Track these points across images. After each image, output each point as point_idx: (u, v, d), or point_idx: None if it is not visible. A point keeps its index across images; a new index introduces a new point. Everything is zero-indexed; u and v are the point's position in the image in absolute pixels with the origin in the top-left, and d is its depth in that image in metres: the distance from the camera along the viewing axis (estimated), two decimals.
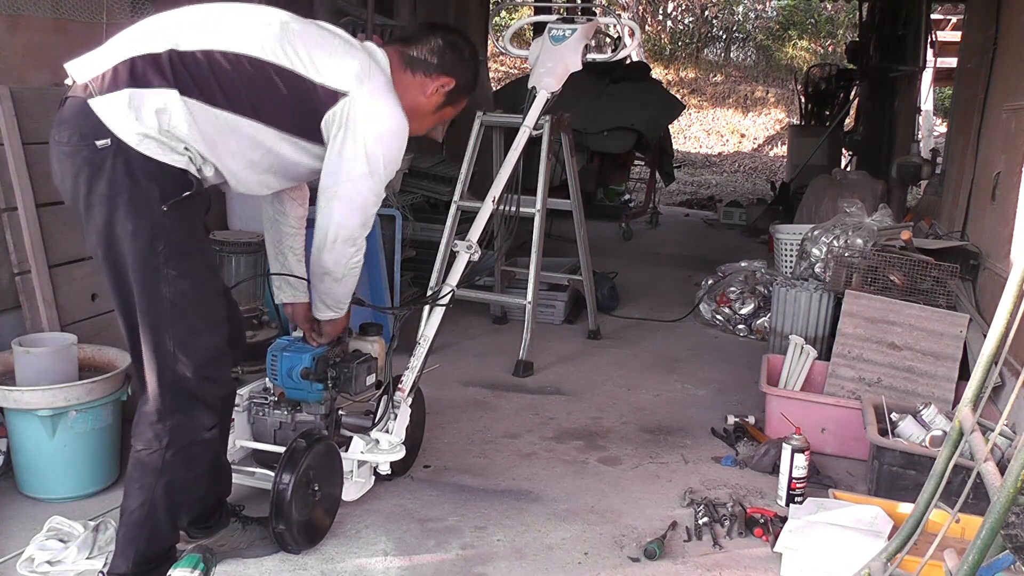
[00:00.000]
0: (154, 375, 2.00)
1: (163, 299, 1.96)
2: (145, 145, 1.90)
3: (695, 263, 6.41)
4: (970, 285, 3.90)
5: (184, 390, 2.02)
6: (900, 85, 7.99)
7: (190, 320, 2.01)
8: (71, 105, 1.94)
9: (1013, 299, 1.69)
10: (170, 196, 1.94)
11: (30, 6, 3.06)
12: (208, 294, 2.07)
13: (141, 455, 2.04)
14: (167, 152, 1.93)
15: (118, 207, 1.91)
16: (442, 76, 2.32)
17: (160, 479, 2.04)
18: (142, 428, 2.04)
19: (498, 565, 2.38)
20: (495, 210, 3.13)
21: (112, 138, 1.89)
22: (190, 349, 2.01)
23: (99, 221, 1.93)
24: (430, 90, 2.32)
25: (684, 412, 3.59)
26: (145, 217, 1.92)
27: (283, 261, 2.48)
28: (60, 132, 1.94)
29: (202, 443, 2.10)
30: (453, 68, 2.33)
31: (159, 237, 1.94)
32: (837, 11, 16.03)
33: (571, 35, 3.49)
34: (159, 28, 2.01)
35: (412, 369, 2.68)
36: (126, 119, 1.89)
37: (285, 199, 2.42)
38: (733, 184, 12.25)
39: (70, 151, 1.92)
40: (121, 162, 1.90)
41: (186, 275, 1.99)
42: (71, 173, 1.93)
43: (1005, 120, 3.97)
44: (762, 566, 2.44)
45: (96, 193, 1.91)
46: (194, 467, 2.11)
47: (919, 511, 1.93)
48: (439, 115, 2.42)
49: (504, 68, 14.18)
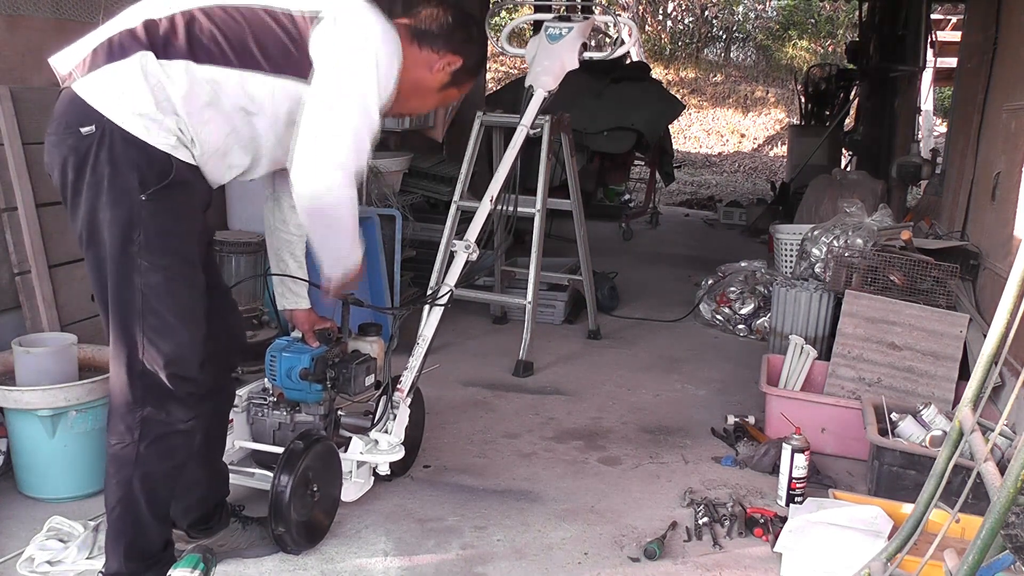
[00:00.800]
0: (123, 366, 1.96)
1: (135, 289, 1.93)
2: (131, 123, 1.87)
3: (695, 263, 6.41)
4: (970, 285, 3.90)
5: (153, 383, 1.97)
6: (900, 85, 7.99)
7: (161, 314, 1.96)
8: (61, 97, 1.93)
9: (1013, 299, 1.69)
10: (149, 185, 1.90)
11: (30, 6, 3.06)
12: (182, 289, 2.00)
13: (115, 449, 2.01)
14: (153, 130, 1.89)
15: (101, 195, 1.89)
16: (449, 54, 2.25)
17: (135, 472, 2.00)
18: (114, 421, 2.01)
19: (498, 565, 2.38)
20: (493, 210, 3.13)
21: (96, 124, 1.87)
22: (159, 343, 1.96)
23: (84, 209, 1.91)
24: (437, 67, 2.26)
25: (684, 412, 3.59)
26: (124, 205, 1.89)
27: (283, 268, 2.47)
28: (50, 124, 1.93)
29: (179, 434, 2.04)
30: (461, 47, 2.27)
31: (136, 226, 1.90)
32: (837, 11, 16.03)
33: (567, 33, 3.49)
34: (135, 8, 1.98)
35: (411, 369, 2.68)
36: (110, 95, 1.87)
37: (284, 207, 2.40)
38: (733, 184, 12.24)
39: (56, 140, 1.91)
40: (105, 149, 1.87)
41: (159, 268, 1.94)
42: (58, 162, 1.92)
43: (1005, 120, 3.97)
44: (762, 566, 2.44)
45: (82, 180, 1.90)
46: (172, 458, 2.06)
47: (919, 511, 1.92)
48: (443, 95, 2.34)
49: (504, 68, 14.19)
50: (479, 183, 4.41)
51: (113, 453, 2.02)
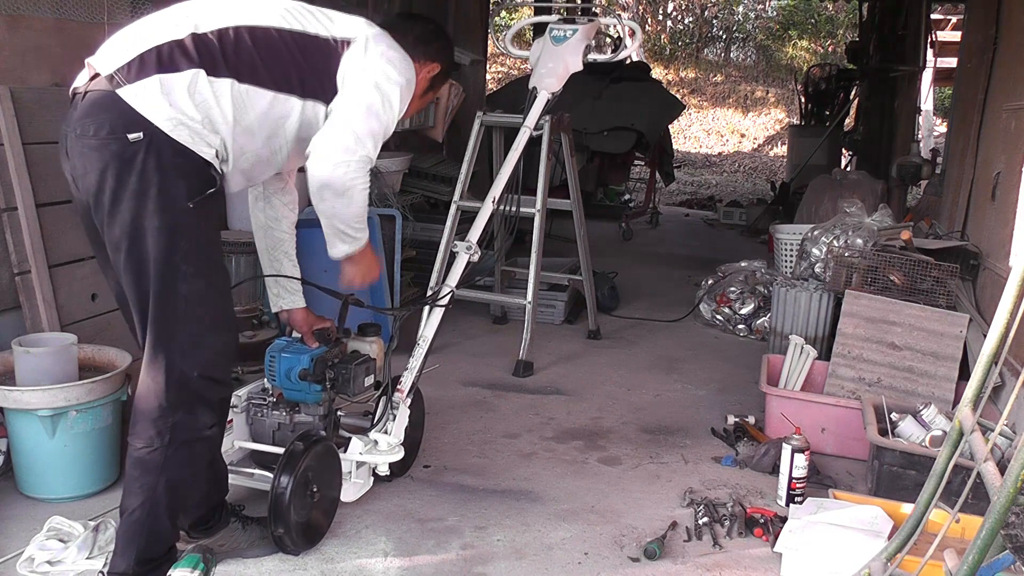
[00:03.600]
0: (161, 371, 1.99)
1: (179, 296, 1.97)
2: (178, 132, 1.92)
3: (695, 263, 6.41)
4: (970, 285, 3.90)
5: (188, 388, 2.02)
6: (900, 85, 7.99)
7: (202, 319, 2.02)
8: (95, 98, 1.93)
9: (1013, 299, 1.69)
10: (196, 193, 1.95)
11: (30, 6, 3.06)
12: (221, 294, 2.09)
13: (141, 453, 2.03)
14: (198, 141, 1.95)
15: (147, 202, 1.91)
16: (429, 62, 2.43)
17: (161, 477, 2.03)
18: (142, 426, 2.03)
19: (498, 565, 2.38)
20: (495, 210, 3.13)
21: (145, 131, 1.89)
22: (200, 348, 2.02)
23: (127, 216, 1.92)
24: (420, 76, 2.37)
25: (684, 412, 3.59)
26: (170, 213, 1.93)
27: (277, 268, 2.48)
28: (84, 125, 1.92)
29: (203, 441, 2.10)
30: (438, 54, 2.46)
31: (182, 234, 1.95)
32: (837, 11, 16.03)
33: (572, 36, 3.49)
34: (178, 15, 2.03)
35: (411, 370, 2.68)
36: (160, 105, 1.90)
37: (277, 205, 2.43)
38: (733, 184, 12.24)
39: (98, 144, 1.91)
40: (153, 156, 1.90)
41: (202, 273, 2.00)
42: (97, 167, 1.92)
43: (1005, 120, 3.97)
44: (762, 566, 2.44)
45: (126, 188, 1.91)
46: (194, 465, 2.11)
47: (919, 511, 1.93)
48: (424, 100, 2.52)
49: (504, 69, 14.19)
50: (479, 183, 4.41)
51: (139, 457, 2.04)
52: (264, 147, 2.11)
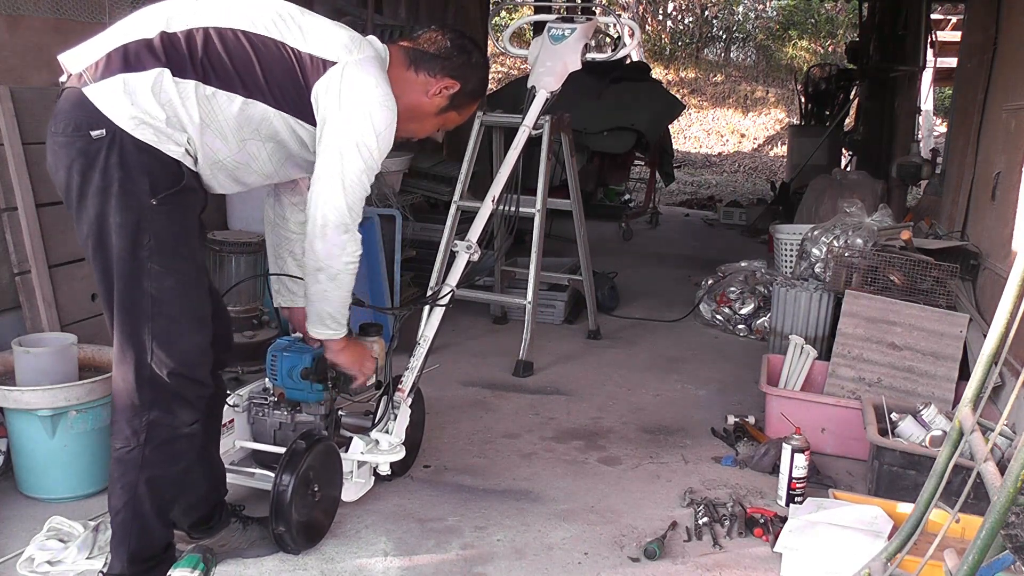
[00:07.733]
0: (131, 369, 1.97)
1: (145, 293, 1.94)
2: (141, 131, 1.89)
3: (695, 263, 6.41)
4: (970, 285, 3.90)
5: (163, 386, 1.98)
6: (900, 85, 7.99)
7: (171, 317, 1.98)
8: (66, 96, 1.93)
9: (1013, 299, 1.69)
10: (160, 190, 1.92)
11: (30, 6, 3.06)
12: (192, 293, 2.03)
13: (120, 453, 2.01)
14: (163, 139, 1.92)
15: (110, 198, 1.89)
16: (447, 78, 2.26)
17: (141, 476, 2.01)
18: (119, 425, 2.01)
19: (498, 565, 2.38)
20: (495, 210, 3.13)
21: (107, 128, 1.88)
22: (169, 347, 1.98)
23: (92, 212, 1.91)
24: (433, 90, 2.26)
25: (684, 412, 3.59)
26: (134, 210, 1.90)
27: (282, 265, 2.48)
28: (55, 123, 1.93)
29: (184, 438, 2.06)
30: (459, 71, 2.27)
31: (146, 231, 1.92)
32: (837, 11, 16.03)
33: (571, 34, 3.49)
34: (150, 14, 1.99)
35: (412, 369, 2.68)
36: (121, 104, 1.88)
37: (285, 203, 2.41)
38: (733, 184, 12.24)
39: (65, 141, 1.91)
40: (115, 153, 1.88)
41: (170, 271, 1.96)
42: (64, 164, 1.92)
43: (1005, 120, 3.97)
44: (762, 566, 2.44)
45: (90, 184, 1.90)
46: (177, 462, 2.08)
47: (919, 511, 1.93)
48: (442, 119, 2.35)
49: (504, 68, 14.18)
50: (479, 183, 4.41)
51: (118, 457, 2.02)
52: (239, 152, 2.05)
